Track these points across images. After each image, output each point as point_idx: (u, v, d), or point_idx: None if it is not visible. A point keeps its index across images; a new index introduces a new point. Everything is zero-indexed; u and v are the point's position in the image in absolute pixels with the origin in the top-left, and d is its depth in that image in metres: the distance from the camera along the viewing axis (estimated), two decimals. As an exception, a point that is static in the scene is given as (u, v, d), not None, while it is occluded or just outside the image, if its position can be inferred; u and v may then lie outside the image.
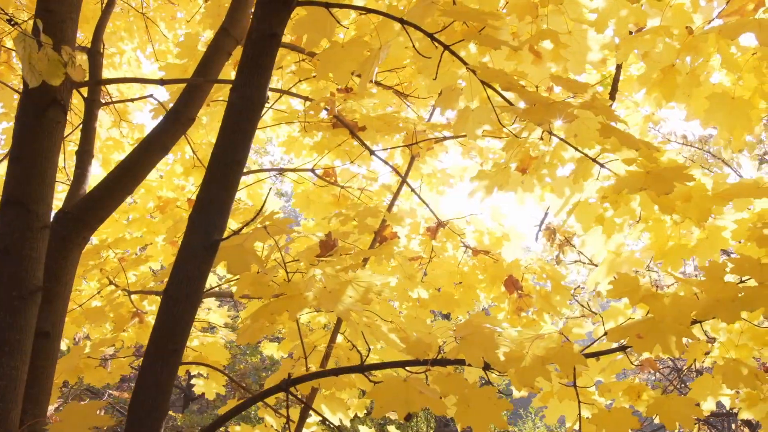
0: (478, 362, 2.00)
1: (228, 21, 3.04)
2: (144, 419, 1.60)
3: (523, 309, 4.11)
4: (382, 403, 1.87)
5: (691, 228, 2.85)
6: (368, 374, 2.19)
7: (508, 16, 2.78)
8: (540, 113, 1.97)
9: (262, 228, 2.20)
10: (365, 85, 2.14)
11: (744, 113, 2.80)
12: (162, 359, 1.63)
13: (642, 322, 2.12)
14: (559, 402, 2.54)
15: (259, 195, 4.44)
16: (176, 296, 1.65)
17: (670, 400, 2.26)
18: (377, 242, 3.39)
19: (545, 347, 2.22)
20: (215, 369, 3.04)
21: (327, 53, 2.12)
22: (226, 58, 3.04)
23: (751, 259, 2.15)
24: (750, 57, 2.77)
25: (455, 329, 2.14)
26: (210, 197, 1.68)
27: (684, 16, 2.67)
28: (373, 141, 3.75)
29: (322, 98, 3.20)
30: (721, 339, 2.89)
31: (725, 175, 2.61)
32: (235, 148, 1.69)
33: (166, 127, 2.81)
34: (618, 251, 2.82)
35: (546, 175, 2.56)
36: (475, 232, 3.97)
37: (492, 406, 1.99)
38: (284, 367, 2.84)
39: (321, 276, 2.21)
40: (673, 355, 2.03)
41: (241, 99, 1.69)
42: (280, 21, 1.73)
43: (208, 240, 1.66)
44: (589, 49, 2.65)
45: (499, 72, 2.06)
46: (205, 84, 2.92)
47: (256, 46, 1.71)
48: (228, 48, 3.02)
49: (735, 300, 2.06)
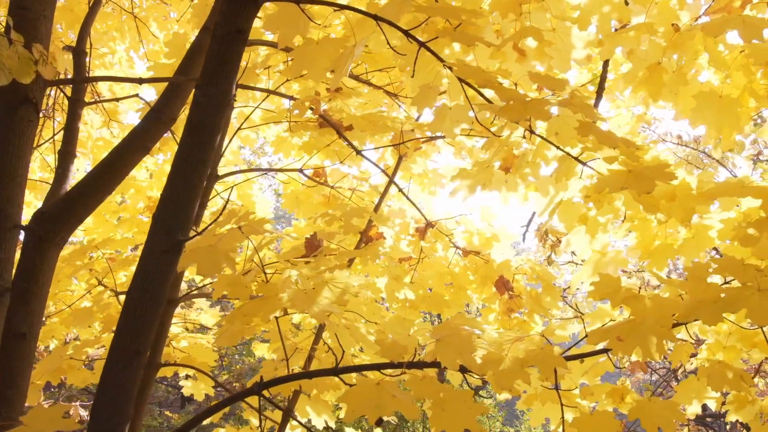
0: (453, 365, 1.97)
1: (210, 20, 3.01)
2: (105, 423, 1.57)
3: (513, 310, 4.07)
4: (354, 407, 1.84)
5: (678, 228, 2.81)
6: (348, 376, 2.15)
7: (493, 14, 2.75)
8: (516, 111, 1.93)
9: (236, 228, 2.17)
10: (338, 82, 2.11)
11: (732, 112, 2.76)
12: (124, 361, 1.60)
13: (623, 324, 2.08)
14: (542, 405, 2.50)
15: (249, 195, 4.41)
16: (139, 297, 1.62)
17: (652, 403, 2.22)
18: (363, 243, 3.36)
19: (525, 349, 2.19)
20: (198, 370, 3.01)
21: (301, 50, 2.09)
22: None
23: (734, 260, 2.11)
24: (738, 55, 2.73)
25: (432, 331, 2.10)
26: (174, 197, 1.65)
27: (670, 13, 2.63)
28: (361, 141, 3.72)
29: (306, 97, 3.16)
30: (709, 341, 2.85)
31: (711, 173, 2.57)
32: (200, 147, 1.65)
33: (147, 126, 2.78)
34: (603, 251, 2.78)
35: (529, 174, 2.52)
36: (465, 232, 3.94)
37: (468, 409, 1.95)
38: (266, 369, 2.81)
39: (297, 277, 2.18)
40: (653, 359, 1.99)
41: (206, 97, 1.65)
42: (247, 17, 1.70)
43: (171, 240, 1.62)
44: (573, 46, 2.61)
45: (476, 69, 2.03)
46: (187, 83, 2.88)
47: (221, 43, 1.68)
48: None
49: (717, 301, 2.02)
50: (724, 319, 2.58)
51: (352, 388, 1.89)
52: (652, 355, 1.98)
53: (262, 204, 4.46)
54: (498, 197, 2.70)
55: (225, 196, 4.26)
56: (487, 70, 2.72)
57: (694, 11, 2.73)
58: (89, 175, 2.67)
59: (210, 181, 3.51)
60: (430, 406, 1.97)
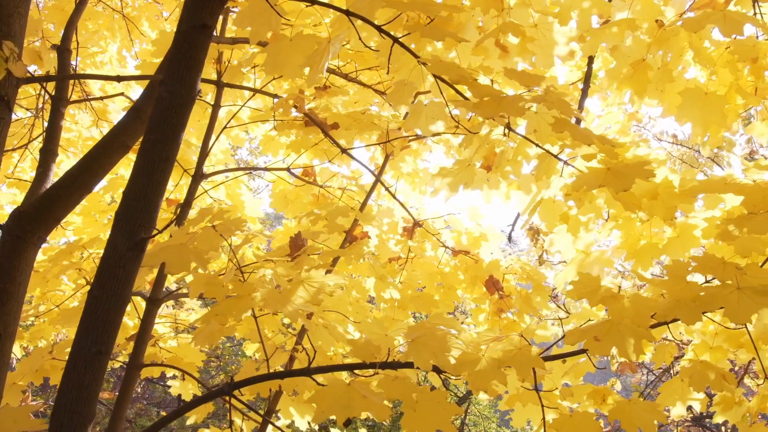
0: (426, 366, 1.94)
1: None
2: (66, 425, 1.54)
3: (503, 310, 4.04)
4: (323, 407, 1.81)
5: (664, 227, 2.77)
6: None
7: (481, 14, 2.72)
8: (490, 107, 1.90)
9: (211, 227, 2.14)
10: (314, 79, 2.08)
11: (718, 109, 2.72)
12: (85, 361, 1.58)
13: (600, 324, 2.05)
14: (523, 406, 2.47)
15: (237, 195, 4.39)
16: (100, 296, 1.59)
17: (632, 404, 2.19)
18: (347, 242, 3.33)
19: (503, 350, 2.16)
20: (181, 370, 2.98)
21: (274, 47, 2.06)
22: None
23: (714, 258, 2.08)
24: (723, 52, 2.70)
25: (407, 331, 2.08)
26: (136, 194, 1.62)
27: (653, 9, 2.60)
28: (349, 140, 3.69)
29: (290, 95, 3.14)
30: (695, 341, 2.82)
31: (694, 171, 2.53)
32: (164, 144, 1.63)
33: (127, 124, 2.75)
34: (587, 251, 2.74)
35: (510, 172, 2.49)
36: (453, 232, 3.91)
37: (441, 410, 1.92)
38: (246, 369, 2.78)
39: (271, 276, 2.15)
40: (630, 359, 1.95)
41: (169, 93, 1.63)
42: (211, 12, 1.67)
43: (133, 238, 1.60)
44: (555, 42, 2.58)
45: (451, 65, 2.00)
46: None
47: (185, 38, 1.65)
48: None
49: (696, 300, 1.99)
50: (708, 319, 2.55)
51: (322, 388, 1.87)
52: (628, 355, 1.95)
53: (251, 204, 4.44)
54: (481, 196, 2.67)
55: (211, 195, 4.24)
56: (469, 67, 2.70)
57: (679, 7, 2.70)
58: (67, 174, 2.65)
59: (195, 180, 3.48)
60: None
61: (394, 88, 2.13)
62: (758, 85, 2.82)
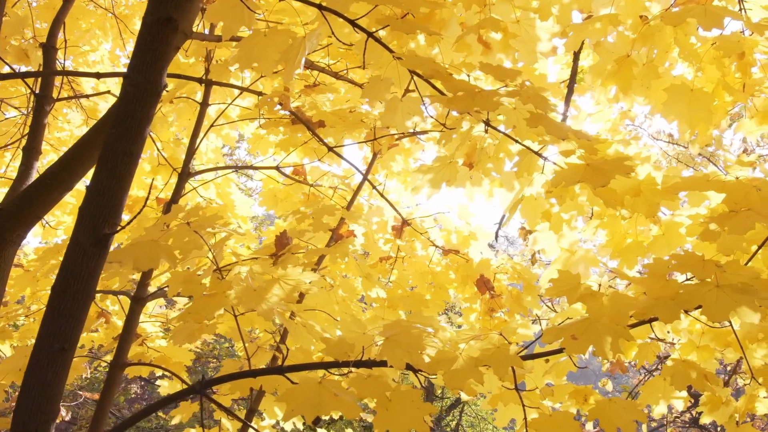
0: (399, 364, 1.91)
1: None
2: (27, 423, 1.53)
3: (495, 310, 4.01)
4: (293, 405, 1.79)
5: (650, 225, 2.74)
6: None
7: (463, 10, 2.69)
8: (464, 102, 1.88)
9: (185, 224, 2.12)
10: (291, 75, 2.06)
11: (704, 106, 2.69)
12: (48, 359, 1.56)
13: (578, 323, 2.02)
14: (504, 406, 2.44)
15: (227, 194, 4.37)
16: (63, 292, 1.58)
17: (612, 403, 2.16)
18: (333, 241, 3.31)
19: (480, 348, 2.13)
20: (165, 369, 2.96)
21: (248, 42, 2.04)
22: (174, 52, 2.96)
23: (694, 256, 2.05)
24: (709, 48, 2.66)
25: (383, 329, 2.05)
26: (100, 189, 1.60)
27: (638, 5, 2.57)
28: (338, 138, 3.67)
29: (275, 92, 3.12)
30: (682, 340, 2.78)
31: (678, 168, 2.50)
32: (127, 139, 1.61)
33: (108, 121, 2.74)
34: (572, 249, 2.71)
35: (492, 169, 2.46)
36: (443, 231, 3.88)
37: (415, 410, 1.90)
38: (227, 368, 2.76)
39: (246, 274, 2.13)
40: (606, 358, 1.92)
41: (133, 87, 1.61)
42: (177, 5, 1.65)
43: (96, 234, 1.58)
44: (538, 38, 2.55)
45: (425, 60, 1.97)
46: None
47: (150, 31, 1.64)
48: (176, 42, 2.94)
49: (675, 298, 1.96)
50: (694, 318, 2.52)
51: (293, 386, 1.84)
52: (605, 354, 1.92)
53: (242, 203, 4.42)
54: (464, 194, 2.64)
55: (202, 195, 4.23)
56: (451, 64, 2.67)
57: (664, 3, 2.67)
58: (48, 171, 2.64)
59: (182, 178, 3.47)
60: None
61: (369, 84, 2.11)
62: (746, 81, 2.79)
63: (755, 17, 2.44)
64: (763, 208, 2.05)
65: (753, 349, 2.69)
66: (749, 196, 2.11)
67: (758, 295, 1.89)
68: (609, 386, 4.87)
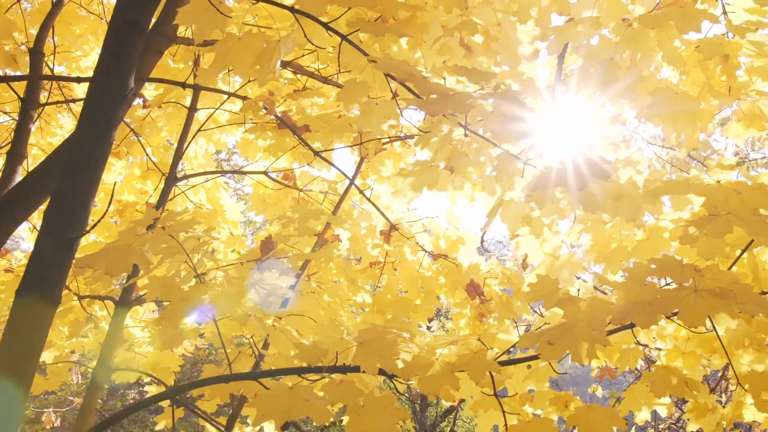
0: (372, 369, 1.89)
1: (160, 19, 2.96)
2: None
3: (485, 315, 3.99)
4: (264, 411, 1.77)
5: (634, 229, 2.72)
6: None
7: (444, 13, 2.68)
8: (436, 104, 1.86)
9: (160, 228, 2.11)
10: (266, 80, 2.05)
11: (689, 110, 2.67)
12: (13, 367, 1.54)
13: (555, 328, 2.00)
14: (484, 412, 2.41)
15: (217, 199, 4.36)
16: (28, 296, 1.56)
17: (591, 410, 2.13)
18: (318, 245, 3.29)
19: (457, 353, 2.11)
20: (149, 375, 2.95)
21: (223, 46, 2.03)
22: (158, 57, 2.97)
23: (673, 260, 2.03)
24: (693, 50, 2.65)
25: (357, 334, 2.03)
26: (65, 193, 1.59)
27: (620, 8, 2.55)
28: (327, 143, 3.65)
29: (259, 97, 3.11)
30: (667, 346, 2.75)
31: (661, 172, 2.48)
32: (93, 142, 1.60)
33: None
34: (555, 254, 2.69)
35: (473, 173, 2.45)
36: (431, 235, 3.86)
37: (387, 416, 1.87)
38: (207, 373, 2.74)
39: (222, 278, 2.12)
40: (582, 363, 1.90)
41: (99, 91, 1.60)
42: (143, 9, 1.64)
43: (62, 238, 1.57)
44: (519, 41, 2.54)
45: (399, 63, 1.96)
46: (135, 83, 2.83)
47: (116, 35, 1.62)
48: (159, 47, 2.95)
49: (653, 303, 1.93)
50: (679, 324, 2.49)
51: (264, 391, 1.83)
52: (581, 359, 1.89)
53: (231, 208, 4.41)
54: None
55: (191, 200, 4.22)
56: (434, 68, 2.66)
57: (648, 5, 2.65)
58: (29, 176, 2.63)
59: (168, 183, 3.46)
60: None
61: (345, 87, 2.10)
62: (731, 84, 2.77)
63: (738, 20, 2.42)
64: (742, 211, 2.02)
65: (739, 354, 2.66)
66: (729, 200, 2.09)
67: (736, 299, 1.87)
68: (599, 392, 4.82)
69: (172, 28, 2.94)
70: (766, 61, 2.68)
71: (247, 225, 12.14)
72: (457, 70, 1.99)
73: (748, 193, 2.11)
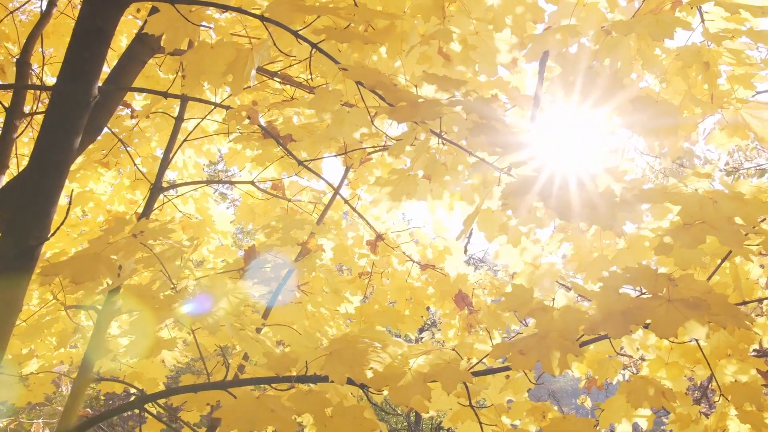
0: (341, 379, 1.87)
1: (143, 29, 2.97)
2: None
3: (473, 325, 3.97)
4: (229, 421, 1.75)
5: (616, 239, 2.70)
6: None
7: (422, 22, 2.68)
8: (407, 112, 1.85)
9: (132, 236, 2.10)
10: (239, 87, 2.04)
11: (670, 118, 2.65)
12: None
13: (528, 338, 1.98)
14: (461, 423, 2.39)
15: (206, 209, 4.36)
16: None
17: (567, 421, 2.11)
18: (301, 255, 3.28)
19: (430, 363, 2.09)
20: (131, 386, 2.93)
21: (194, 54, 2.03)
22: (141, 66, 2.98)
23: (647, 269, 2.01)
24: (673, 59, 2.64)
25: (328, 344, 2.02)
26: (26, 200, 1.59)
27: (599, 16, 2.55)
28: (314, 152, 3.64)
29: (242, 107, 3.11)
30: (650, 356, 2.73)
31: (643, 180, 2.46)
32: (55, 150, 1.59)
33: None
34: (535, 263, 2.67)
35: (450, 182, 2.43)
36: (419, 245, 3.84)
37: (357, 426, 1.85)
38: (184, 383, 2.72)
39: (192, 288, 2.10)
40: (553, 374, 1.88)
41: (62, 98, 1.60)
42: (108, 16, 1.64)
43: (21, 245, 1.56)
44: (497, 50, 2.53)
45: (370, 71, 1.95)
46: (116, 92, 2.85)
47: (79, 42, 1.62)
48: (143, 57, 2.96)
49: (625, 313, 1.91)
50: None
51: (231, 401, 1.81)
52: (551, 369, 1.87)
53: (220, 218, 4.40)
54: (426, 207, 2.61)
55: (180, 210, 4.22)
56: (412, 77, 2.66)
57: (628, 14, 2.65)
58: (8, 185, 2.63)
59: (153, 193, 3.45)
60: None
61: (317, 95, 2.09)
62: (713, 92, 2.76)
63: (715, 28, 2.41)
64: (716, 220, 2.01)
65: (723, 365, 2.63)
66: (704, 209, 2.07)
67: (709, 310, 1.84)
68: (588, 403, 4.77)
69: (156, 38, 2.95)
70: (747, 69, 2.67)
71: (245, 235, 12.13)
72: (428, 77, 1.98)
73: (723, 201, 2.09)
